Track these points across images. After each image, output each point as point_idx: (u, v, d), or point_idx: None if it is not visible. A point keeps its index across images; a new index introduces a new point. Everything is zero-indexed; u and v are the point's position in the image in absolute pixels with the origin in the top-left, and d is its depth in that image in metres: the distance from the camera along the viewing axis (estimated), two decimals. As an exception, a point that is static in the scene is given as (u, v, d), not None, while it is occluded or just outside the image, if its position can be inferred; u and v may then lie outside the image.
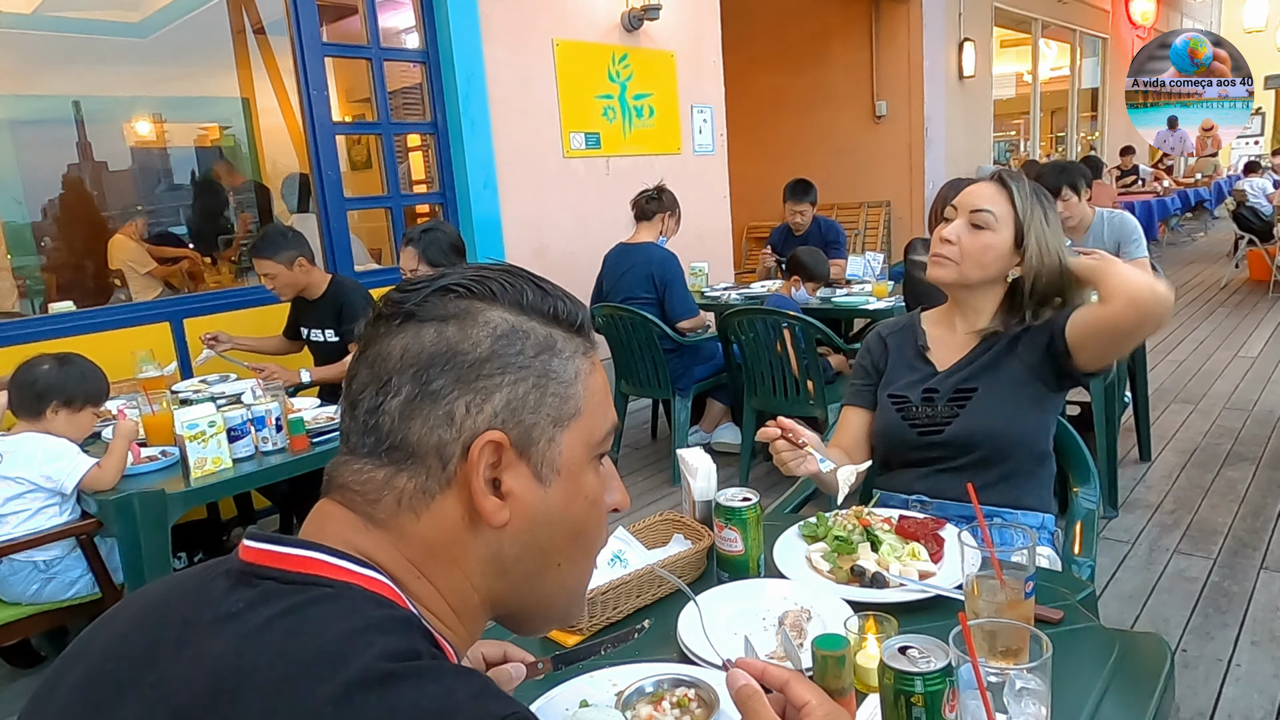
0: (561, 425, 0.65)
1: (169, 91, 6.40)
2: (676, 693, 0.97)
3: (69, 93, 5.94)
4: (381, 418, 0.62)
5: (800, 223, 4.89)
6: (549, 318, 0.66)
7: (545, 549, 0.66)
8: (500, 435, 0.61)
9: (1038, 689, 0.81)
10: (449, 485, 0.62)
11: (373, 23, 4.17)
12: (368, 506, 0.63)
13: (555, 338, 0.65)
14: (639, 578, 1.23)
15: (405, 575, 0.62)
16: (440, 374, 0.61)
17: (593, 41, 4.94)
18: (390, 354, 0.62)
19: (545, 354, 0.64)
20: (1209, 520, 3.14)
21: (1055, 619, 1.10)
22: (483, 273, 0.66)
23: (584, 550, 0.70)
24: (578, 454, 0.66)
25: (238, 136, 6.91)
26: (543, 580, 0.68)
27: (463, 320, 0.63)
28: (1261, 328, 6.17)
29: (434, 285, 0.64)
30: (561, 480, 0.65)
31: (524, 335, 0.64)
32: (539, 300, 0.66)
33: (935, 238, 1.61)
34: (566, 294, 0.68)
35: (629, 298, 3.88)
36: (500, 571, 0.65)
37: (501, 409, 0.62)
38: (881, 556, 1.26)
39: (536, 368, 0.63)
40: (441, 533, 0.63)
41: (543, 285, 0.67)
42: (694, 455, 1.48)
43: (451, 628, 0.65)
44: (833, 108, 8.86)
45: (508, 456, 0.62)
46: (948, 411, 1.59)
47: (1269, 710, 2.09)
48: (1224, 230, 10.67)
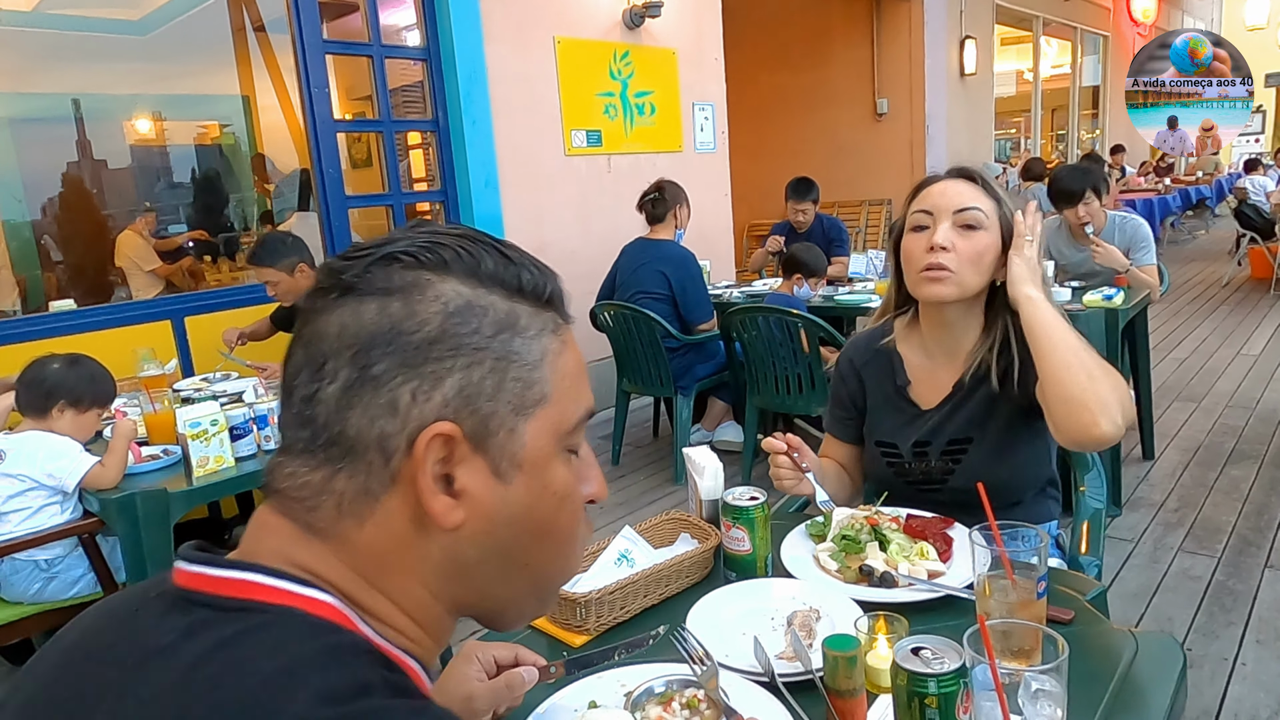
0: (524, 414, 0.57)
1: (169, 89, 6.39)
2: (686, 694, 0.96)
3: (69, 90, 5.93)
4: (317, 408, 0.54)
5: (802, 221, 4.88)
6: (512, 290, 0.58)
7: (509, 550, 0.59)
8: (451, 427, 0.53)
9: (1054, 690, 0.80)
10: (393, 484, 0.54)
11: (374, 20, 4.16)
12: (306, 514, 0.55)
13: (518, 313, 0.57)
14: (646, 578, 1.22)
15: (354, 590, 0.55)
16: (382, 356, 0.53)
17: (594, 39, 4.93)
18: (326, 333, 0.55)
19: (506, 333, 0.56)
20: (1213, 519, 3.14)
21: (1066, 619, 1.09)
22: (435, 238, 0.58)
23: (556, 549, 0.62)
24: (544, 445, 0.58)
25: (238, 134, 6.90)
26: (510, 582, 0.61)
27: (409, 294, 0.55)
28: (1264, 326, 6.16)
29: (377, 253, 0.56)
30: (524, 475, 0.57)
31: (481, 311, 0.56)
32: (500, 269, 0.57)
33: (918, 250, 1.41)
34: (535, 261, 0.60)
35: (641, 292, 3.88)
36: (460, 576, 0.58)
37: (453, 397, 0.54)
38: (890, 556, 1.25)
39: (495, 349, 0.55)
40: (389, 539, 0.55)
41: (506, 251, 0.59)
42: (701, 454, 1.47)
43: (415, 639, 0.59)
44: (834, 106, 8.86)
45: (461, 450, 0.54)
46: (943, 466, 1.47)
47: (1275, 709, 2.08)
48: (1225, 228, 10.67)
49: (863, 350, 1.59)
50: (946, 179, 1.44)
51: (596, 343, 4.42)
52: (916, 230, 1.43)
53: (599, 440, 4.58)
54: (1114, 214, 3.71)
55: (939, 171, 1.49)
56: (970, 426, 1.44)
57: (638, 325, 3.81)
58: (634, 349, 3.91)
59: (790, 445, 1.41)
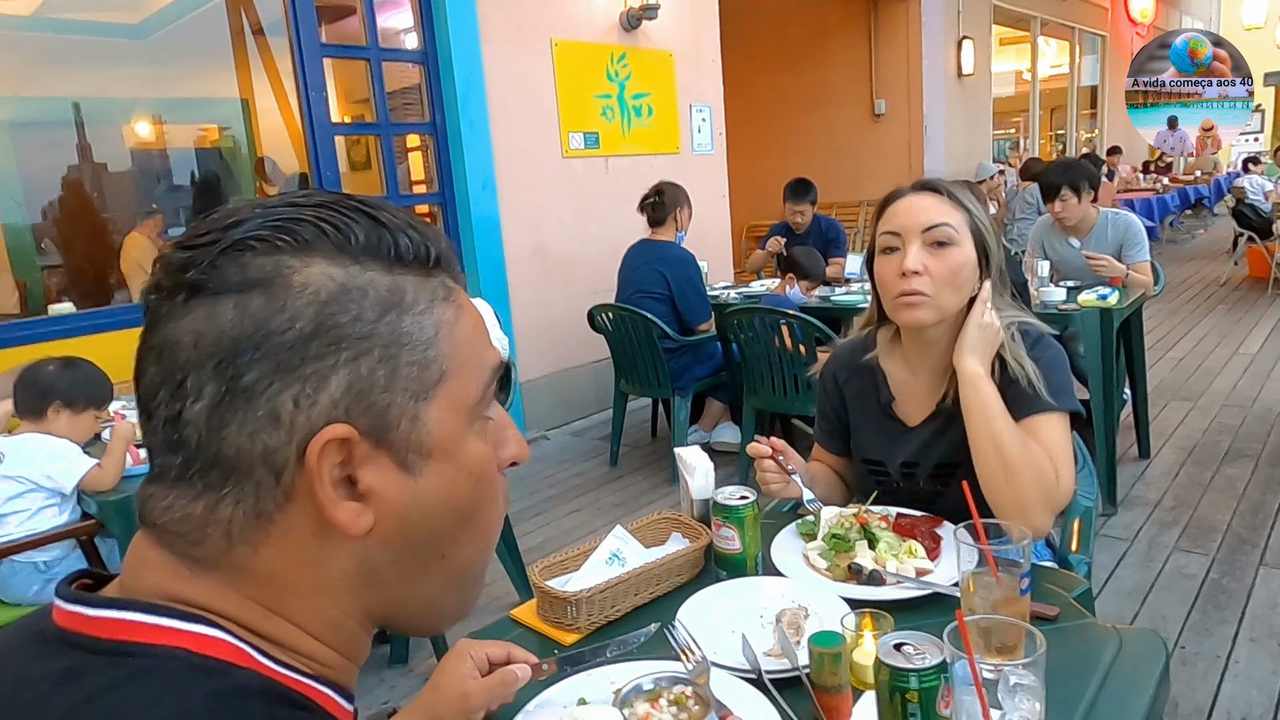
0: (425, 398, 0.51)
1: (168, 93, 6.40)
2: (674, 690, 0.98)
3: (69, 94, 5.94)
4: (185, 430, 0.47)
5: (800, 222, 4.89)
6: (391, 260, 0.51)
7: (425, 544, 0.53)
8: (344, 429, 0.47)
9: (1032, 685, 0.82)
10: (288, 500, 0.48)
11: (371, 23, 4.17)
12: (190, 549, 0.49)
13: (403, 287, 0.50)
14: (637, 576, 1.23)
15: (253, 619, 0.49)
16: (252, 364, 0.46)
17: (591, 41, 4.95)
18: (180, 343, 0.47)
19: (392, 313, 0.49)
20: (1208, 517, 3.15)
21: (1051, 615, 1.10)
22: (291, 213, 0.49)
23: (477, 531, 0.56)
24: (452, 425, 0.52)
25: (237, 137, 6.91)
26: (426, 580, 0.55)
27: (271, 286, 0.47)
28: (1261, 325, 6.17)
29: (223, 241, 0.48)
30: (435, 462, 0.51)
31: (359, 294, 0.48)
32: (374, 239, 0.50)
33: (890, 274, 1.36)
34: (412, 220, 0.53)
35: (639, 291, 3.91)
36: (373, 583, 0.53)
37: (342, 395, 0.47)
38: (879, 554, 1.26)
39: (382, 334, 0.49)
40: (290, 559, 0.49)
41: (378, 215, 0.51)
42: (692, 454, 1.48)
43: (329, 663, 0.53)
44: (832, 106, 8.87)
45: (360, 450, 0.48)
46: (931, 488, 1.45)
47: (1267, 706, 2.09)
48: (1223, 227, 10.67)
49: (845, 365, 1.55)
50: (911, 194, 1.40)
51: (594, 344, 4.44)
52: (887, 252, 1.38)
53: (596, 441, 4.59)
54: (1106, 211, 3.73)
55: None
56: (957, 450, 1.38)
57: (635, 326, 3.82)
58: (632, 350, 3.92)
59: (775, 448, 1.41)
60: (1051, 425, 1.33)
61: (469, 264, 4.50)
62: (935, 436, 1.43)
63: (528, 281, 4.72)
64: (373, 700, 2.40)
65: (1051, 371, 1.35)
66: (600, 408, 5.05)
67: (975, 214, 1.38)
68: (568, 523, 3.57)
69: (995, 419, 1.27)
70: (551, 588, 1.20)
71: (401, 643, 2.56)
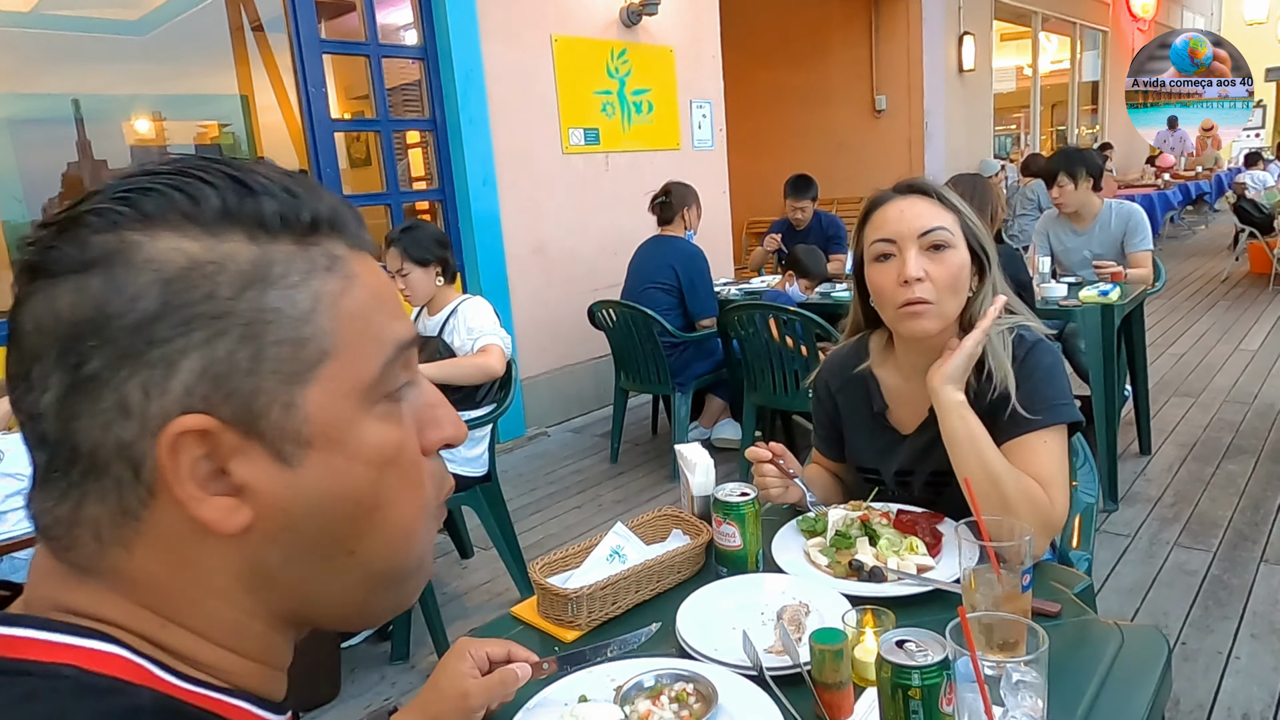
0: (300, 380, 0.45)
1: (168, 89, 6.39)
2: (675, 687, 0.98)
3: (68, 91, 5.93)
4: (41, 425, 0.44)
5: (801, 218, 4.89)
6: (256, 229, 0.45)
7: (321, 542, 0.48)
8: (200, 419, 0.43)
9: (1034, 682, 0.81)
10: (153, 496, 0.44)
11: (371, 19, 4.16)
12: (65, 553, 0.46)
13: (271, 259, 0.45)
14: (638, 573, 1.23)
15: (147, 627, 0.46)
16: (94, 350, 0.42)
17: (591, 37, 4.94)
18: (23, 330, 0.44)
19: (255, 288, 0.44)
20: (1209, 513, 3.14)
21: (1053, 612, 1.10)
22: (140, 182, 0.45)
23: (389, 524, 0.50)
24: (338, 410, 0.46)
25: (237, 134, 6.91)
26: (336, 578, 0.49)
27: (110, 266, 0.42)
28: (1262, 321, 6.16)
29: (62, 218, 0.44)
30: (317, 452, 0.46)
31: (214, 268, 0.43)
32: (235, 205, 0.45)
33: (889, 284, 1.32)
34: (290, 182, 0.47)
35: (651, 285, 3.92)
36: (270, 584, 0.48)
37: (196, 381, 0.43)
38: (880, 551, 1.26)
39: (242, 312, 0.43)
40: (169, 561, 0.45)
41: (245, 179, 0.46)
42: (692, 451, 1.48)
43: (239, 671, 0.48)
44: (832, 102, 8.86)
45: (227, 440, 0.44)
46: (926, 495, 1.43)
47: (1269, 703, 2.09)
48: (1224, 223, 10.66)
49: (837, 373, 1.53)
50: (899, 198, 1.35)
51: (595, 340, 4.44)
52: (881, 260, 1.33)
53: (597, 438, 4.59)
54: (1110, 201, 3.77)
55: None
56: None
57: (636, 323, 3.82)
58: (632, 347, 3.92)
59: (774, 453, 1.40)
60: (1047, 442, 1.30)
61: (469, 261, 4.50)
62: (930, 444, 1.40)
63: (528, 278, 4.72)
64: (374, 697, 2.40)
65: (1049, 381, 1.32)
66: (601, 404, 5.05)
67: (965, 213, 1.35)
68: (568, 519, 3.58)
69: (986, 451, 1.25)
70: (552, 585, 1.20)
71: (402, 639, 2.56)
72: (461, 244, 4.52)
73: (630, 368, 4.02)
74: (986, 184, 3.29)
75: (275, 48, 5.88)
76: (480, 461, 2.77)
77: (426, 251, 2.66)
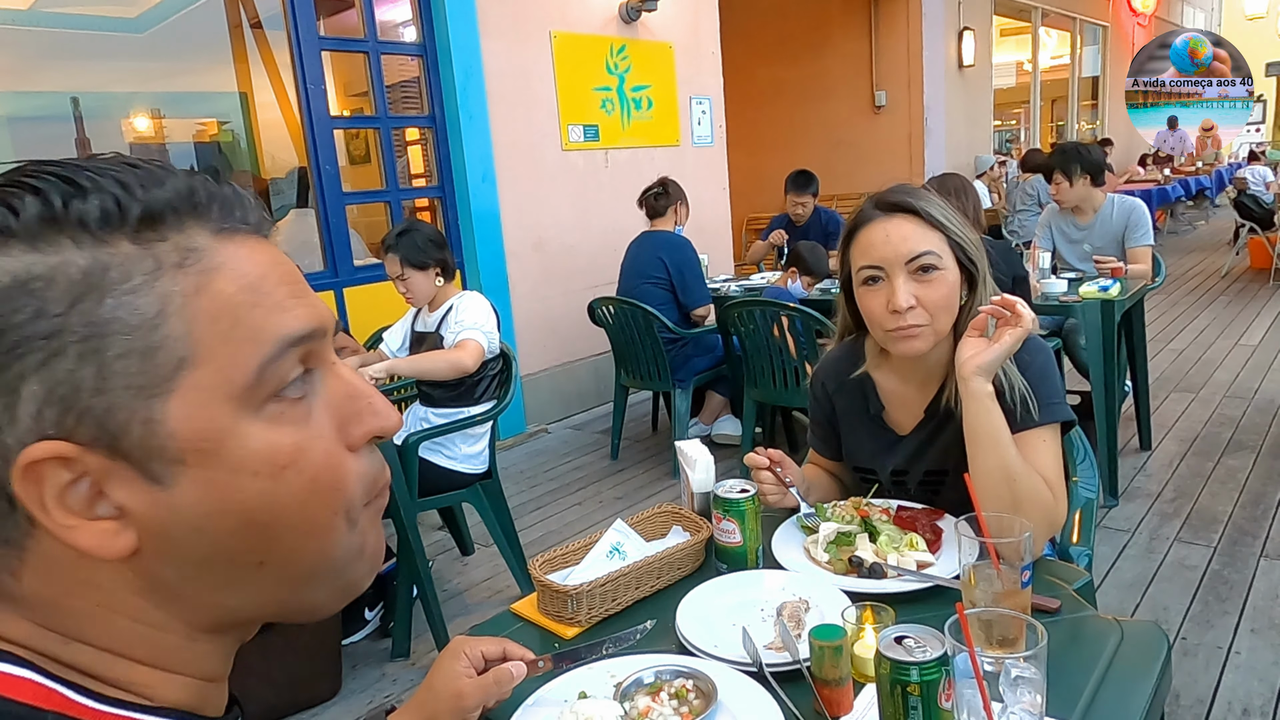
0: (156, 393, 0.41)
1: (167, 87, 6.39)
2: (675, 684, 0.98)
3: (67, 89, 5.93)
4: None
5: (801, 214, 4.88)
6: (88, 230, 0.41)
7: (217, 558, 0.44)
8: (55, 445, 0.40)
9: (1033, 678, 0.81)
10: (34, 525, 0.41)
11: (369, 16, 4.16)
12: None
13: (104, 263, 0.41)
14: (638, 570, 1.23)
15: (51, 647, 0.43)
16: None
17: (590, 33, 4.93)
18: None
19: (88, 298, 0.40)
20: (1209, 509, 3.15)
21: (1052, 608, 1.10)
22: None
23: (300, 531, 0.46)
24: (208, 420, 0.42)
25: (236, 131, 6.90)
26: (246, 587, 0.46)
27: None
28: (1262, 316, 6.16)
29: None
30: (191, 468, 0.42)
31: (41, 283, 0.39)
32: (60, 208, 0.41)
33: (879, 309, 1.31)
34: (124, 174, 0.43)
35: (642, 279, 3.92)
36: (175, 599, 0.45)
37: (42, 406, 0.40)
38: (879, 547, 1.26)
39: (75, 327, 0.40)
40: (60, 585, 0.43)
41: (72, 176, 0.41)
42: (692, 447, 1.48)
43: (159, 685, 0.45)
44: (832, 98, 8.84)
45: (95, 463, 0.41)
46: (921, 494, 1.43)
47: (1269, 698, 2.09)
48: (1225, 218, 10.65)
49: (833, 375, 1.53)
50: (884, 219, 1.32)
51: (595, 337, 4.43)
52: (870, 283, 1.32)
53: (597, 435, 4.59)
54: (1112, 196, 3.79)
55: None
56: (946, 458, 1.38)
57: (635, 319, 3.82)
58: (632, 343, 3.92)
59: (773, 460, 1.40)
60: (1044, 440, 1.31)
61: (468, 258, 4.50)
62: (925, 444, 1.41)
63: (528, 275, 4.72)
64: (375, 694, 2.41)
65: (1043, 380, 1.32)
66: (601, 401, 5.05)
67: (951, 228, 1.32)
68: (568, 516, 3.58)
69: (1008, 448, 1.24)
70: (552, 582, 1.20)
71: (403, 636, 2.56)
72: (461, 241, 4.52)
73: (630, 364, 4.02)
74: (963, 180, 3.32)
75: (274, 45, 5.87)
76: (481, 458, 2.77)
77: (425, 255, 2.64)
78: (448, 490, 2.70)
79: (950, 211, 1.34)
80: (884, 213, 1.33)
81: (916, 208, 1.31)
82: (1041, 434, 1.31)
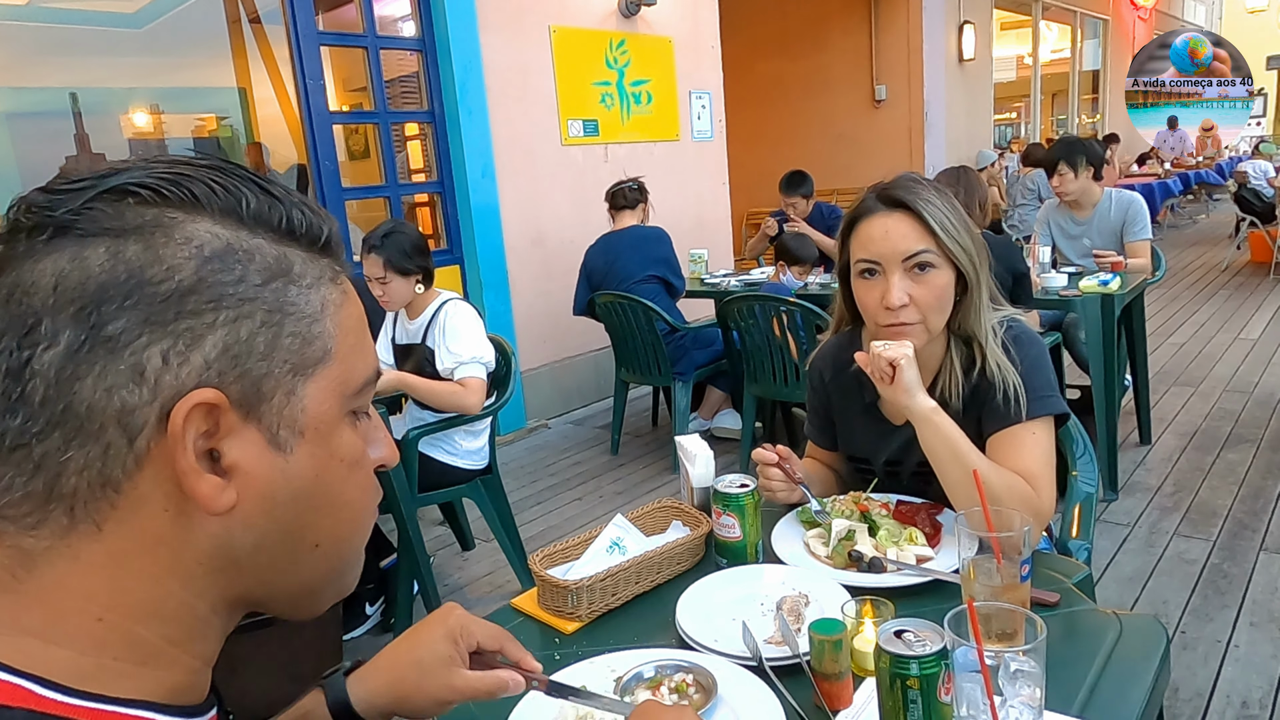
0: (304, 374, 0.49)
1: (166, 82, 6.38)
2: (675, 678, 0.98)
3: (65, 84, 5.92)
4: (30, 382, 0.43)
5: (796, 214, 4.87)
6: (280, 232, 0.49)
7: (292, 531, 0.50)
8: (214, 394, 0.44)
9: (1032, 671, 0.82)
10: (139, 468, 0.44)
11: (368, 11, 4.15)
12: (22, 537, 0.44)
13: (291, 260, 0.49)
14: (638, 565, 1.23)
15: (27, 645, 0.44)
16: (120, 312, 0.43)
17: (590, 28, 4.92)
18: (38, 285, 0.43)
19: (278, 281, 0.48)
20: (1209, 502, 3.15)
21: (1052, 602, 1.10)
22: (179, 170, 0.47)
23: (349, 524, 0.54)
24: (328, 409, 0.50)
25: (235, 127, 6.90)
26: (296, 569, 0.52)
27: (149, 236, 0.45)
28: (1262, 310, 6.16)
29: (102, 185, 0.45)
30: (308, 443, 0.49)
31: (246, 256, 0.47)
32: (264, 208, 0.49)
33: (873, 302, 1.33)
34: (305, 201, 0.51)
35: (635, 281, 3.88)
36: (232, 567, 0.49)
37: (216, 358, 0.45)
38: (879, 541, 1.26)
39: (267, 299, 0.47)
40: (139, 538, 0.45)
41: (270, 188, 0.50)
42: (692, 442, 1.48)
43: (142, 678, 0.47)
44: (832, 92, 8.83)
45: (228, 420, 0.45)
46: (914, 485, 1.44)
47: (1267, 691, 2.10)
48: (1225, 212, 10.63)
49: (830, 364, 1.53)
50: (884, 214, 1.33)
51: (594, 332, 4.43)
52: (866, 275, 1.34)
53: (597, 430, 4.60)
54: (1110, 190, 3.78)
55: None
56: None
57: (635, 315, 3.82)
58: (631, 338, 3.92)
59: (780, 456, 1.40)
60: (1034, 434, 1.31)
61: (468, 253, 4.50)
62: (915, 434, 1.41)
63: (527, 270, 4.72)
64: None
65: (1035, 373, 1.33)
66: (601, 396, 5.05)
67: (948, 231, 1.31)
68: (568, 511, 3.58)
69: (967, 455, 1.25)
70: (552, 576, 1.21)
71: (405, 614, 2.56)
72: (460, 236, 4.52)
73: (630, 359, 4.02)
74: (974, 176, 3.30)
75: (273, 40, 5.86)
76: (481, 454, 2.77)
77: (409, 261, 2.57)
78: (448, 485, 2.70)
79: (951, 213, 1.34)
80: (886, 206, 1.34)
81: (916, 204, 1.31)
82: (1031, 428, 1.31)
